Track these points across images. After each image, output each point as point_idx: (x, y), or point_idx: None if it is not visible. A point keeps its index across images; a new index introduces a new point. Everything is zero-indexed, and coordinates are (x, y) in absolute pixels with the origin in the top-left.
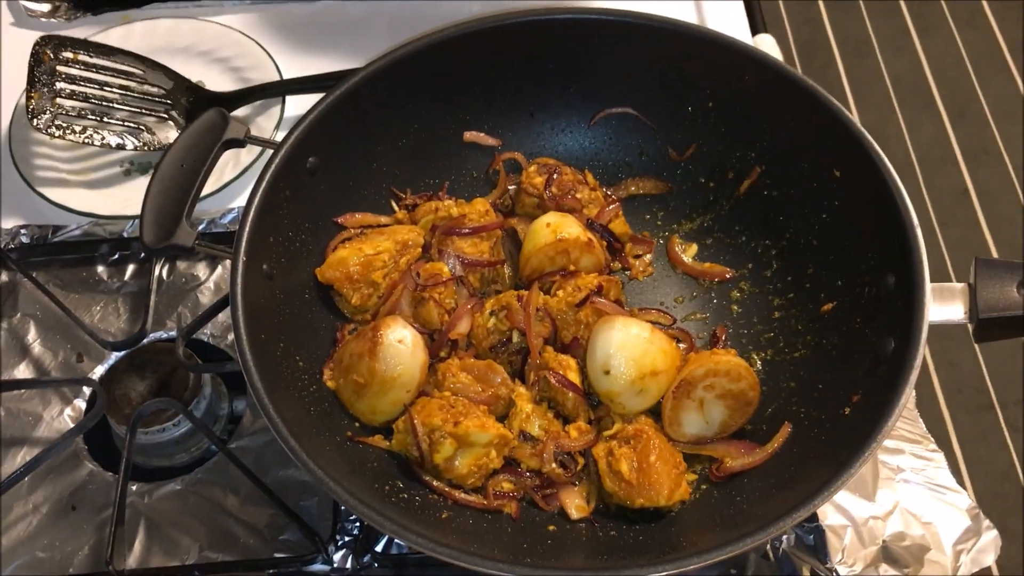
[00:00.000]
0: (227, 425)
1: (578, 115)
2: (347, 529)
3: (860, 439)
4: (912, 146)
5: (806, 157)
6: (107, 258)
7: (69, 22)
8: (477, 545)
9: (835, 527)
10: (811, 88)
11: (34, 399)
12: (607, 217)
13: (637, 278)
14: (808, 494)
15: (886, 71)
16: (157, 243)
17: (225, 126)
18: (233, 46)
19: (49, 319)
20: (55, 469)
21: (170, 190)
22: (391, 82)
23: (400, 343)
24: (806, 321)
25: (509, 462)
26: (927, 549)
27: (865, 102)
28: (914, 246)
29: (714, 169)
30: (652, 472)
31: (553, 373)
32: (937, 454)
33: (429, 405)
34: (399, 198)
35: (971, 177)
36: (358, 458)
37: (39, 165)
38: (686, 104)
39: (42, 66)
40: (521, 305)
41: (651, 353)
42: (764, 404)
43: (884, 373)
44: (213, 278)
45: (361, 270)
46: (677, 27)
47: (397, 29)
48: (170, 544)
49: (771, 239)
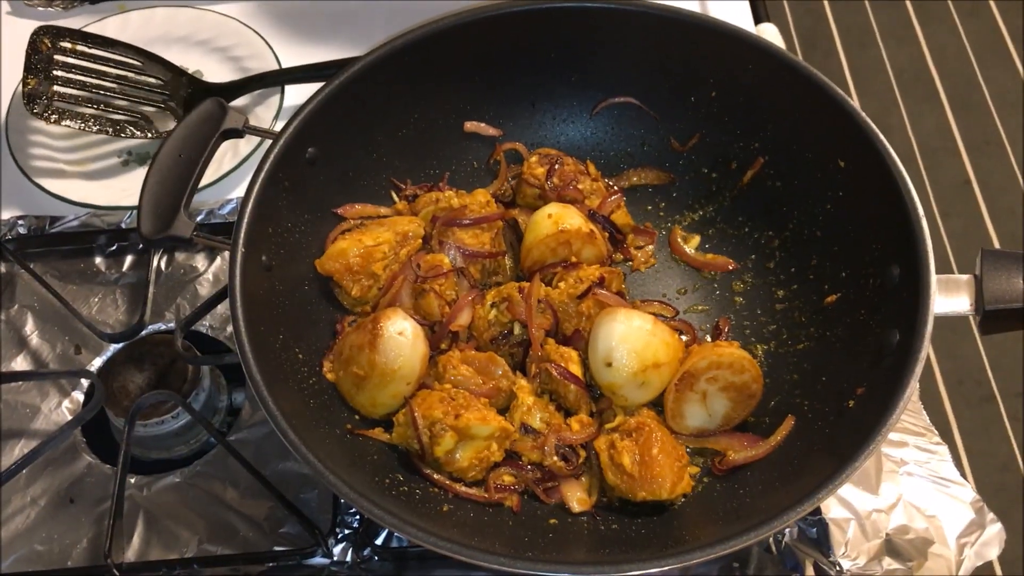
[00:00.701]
0: (226, 417)
1: (580, 104)
2: (347, 522)
3: (864, 432)
4: (914, 136)
5: (810, 147)
6: (105, 249)
7: (66, 11)
8: (478, 539)
9: (838, 520)
10: (815, 77)
11: (32, 391)
12: (609, 208)
13: (639, 269)
14: (812, 488)
15: (888, 61)
16: (155, 234)
17: (223, 116)
18: (231, 35)
19: (47, 311)
20: (53, 462)
21: (168, 181)
22: (391, 71)
23: (400, 335)
24: (810, 313)
25: (510, 455)
26: (931, 542)
27: (867, 92)
28: (920, 238)
29: (717, 159)
30: (654, 465)
31: (555, 365)
32: (941, 447)
33: (430, 398)
34: (399, 189)
35: (973, 167)
36: (358, 451)
37: (37, 155)
38: (689, 94)
39: (39, 55)
40: (522, 297)
41: (653, 345)
42: (767, 397)
43: (889, 366)
44: (212, 269)
45: (361, 261)
46: (680, 16)
47: (396, 18)
48: (169, 537)
49: (774, 230)
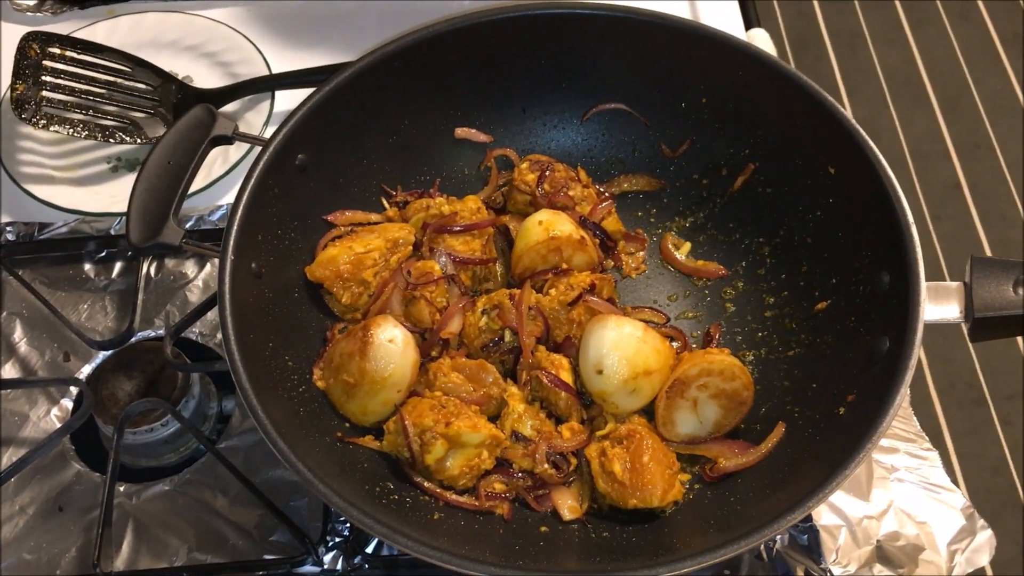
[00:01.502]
0: (216, 425)
1: (570, 111)
2: (337, 530)
3: (855, 439)
4: (905, 140)
5: (800, 154)
6: (94, 256)
7: (55, 16)
8: (469, 547)
9: (829, 527)
10: (806, 84)
11: (20, 399)
12: (600, 214)
13: (630, 276)
14: (803, 495)
15: (879, 65)
16: (143, 242)
17: (213, 123)
18: (221, 40)
19: (35, 318)
20: (42, 470)
21: (157, 188)
22: (381, 78)
23: (391, 342)
24: (800, 319)
25: (501, 463)
26: (921, 549)
27: (857, 96)
28: (909, 245)
29: (707, 165)
30: (645, 472)
31: (545, 373)
32: (932, 453)
33: (420, 405)
34: (389, 195)
35: (964, 171)
36: (348, 459)
37: (25, 161)
38: (679, 100)
39: (28, 60)
40: (513, 304)
41: (644, 352)
42: (758, 403)
43: (879, 372)
44: (202, 276)
45: (351, 268)
46: (670, 22)
47: (387, 23)
48: (158, 545)
49: (765, 236)
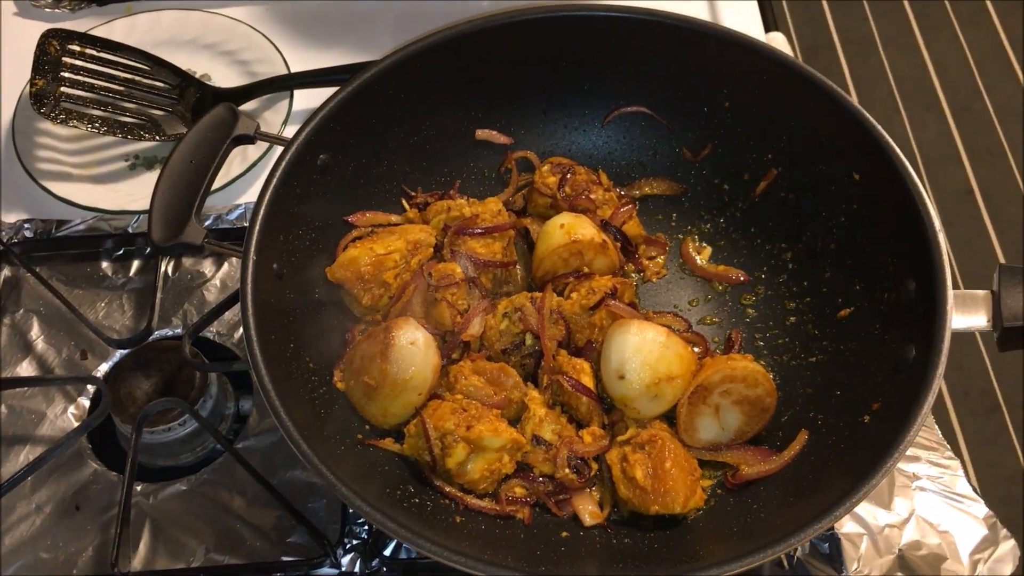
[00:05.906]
0: (233, 424)
1: (592, 113)
2: (355, 532)
3: (880, 449)
4: (916, 145)
5: (824, 159)
6: (112, 254)
7: (73, 13)
8: (490, 552)
9: (851, 535)
10: (831, 89)
11: (37, 397)
12: (621, 218)
13: (650, 280)
14: (827, 505)
15: (890, 70)
16: (166, 241)
17: (235, 122)
18: (240, 39)
19: (53, 315)
20: (59, 468)
21: (179, 187)
22: (403, 78)
23: (412, 345)
24: (823, 326)
25: (522, 467)
26: (944, 558)
27: (869, 101)
28: (936, 253)
29: (729, 170)
30: (667, 478)
31: (566, 377)
32: (953, 461)
33: (441, 408)
34: (410, 196)
35: (975, 177)
36: (369, 462)
37: (43, 158)
38: (702, 104)
39: (48, 56)
40: (535, 307)
41: (667, 358)
42: (780, 411)
43: (904, 381)
44: (219, 275)
45: (372, 270)
46: (693, 25)
47: (404, 25)
48: (176, 546)
49: (787, 242)
